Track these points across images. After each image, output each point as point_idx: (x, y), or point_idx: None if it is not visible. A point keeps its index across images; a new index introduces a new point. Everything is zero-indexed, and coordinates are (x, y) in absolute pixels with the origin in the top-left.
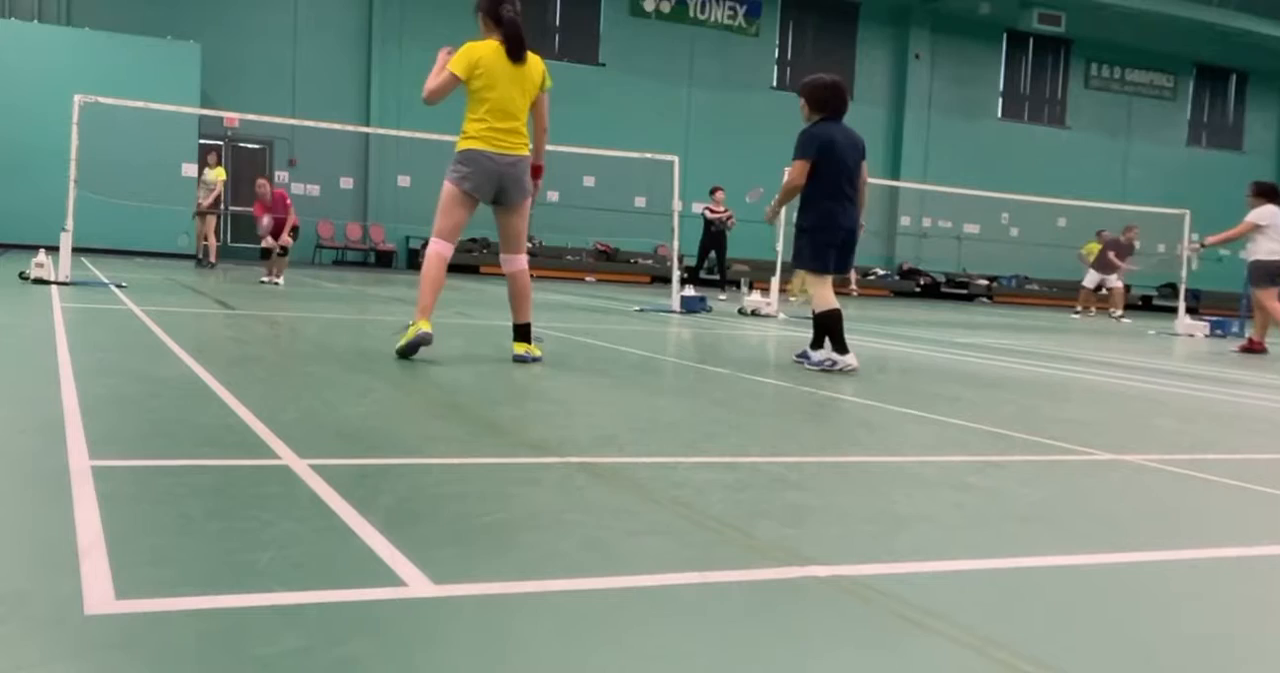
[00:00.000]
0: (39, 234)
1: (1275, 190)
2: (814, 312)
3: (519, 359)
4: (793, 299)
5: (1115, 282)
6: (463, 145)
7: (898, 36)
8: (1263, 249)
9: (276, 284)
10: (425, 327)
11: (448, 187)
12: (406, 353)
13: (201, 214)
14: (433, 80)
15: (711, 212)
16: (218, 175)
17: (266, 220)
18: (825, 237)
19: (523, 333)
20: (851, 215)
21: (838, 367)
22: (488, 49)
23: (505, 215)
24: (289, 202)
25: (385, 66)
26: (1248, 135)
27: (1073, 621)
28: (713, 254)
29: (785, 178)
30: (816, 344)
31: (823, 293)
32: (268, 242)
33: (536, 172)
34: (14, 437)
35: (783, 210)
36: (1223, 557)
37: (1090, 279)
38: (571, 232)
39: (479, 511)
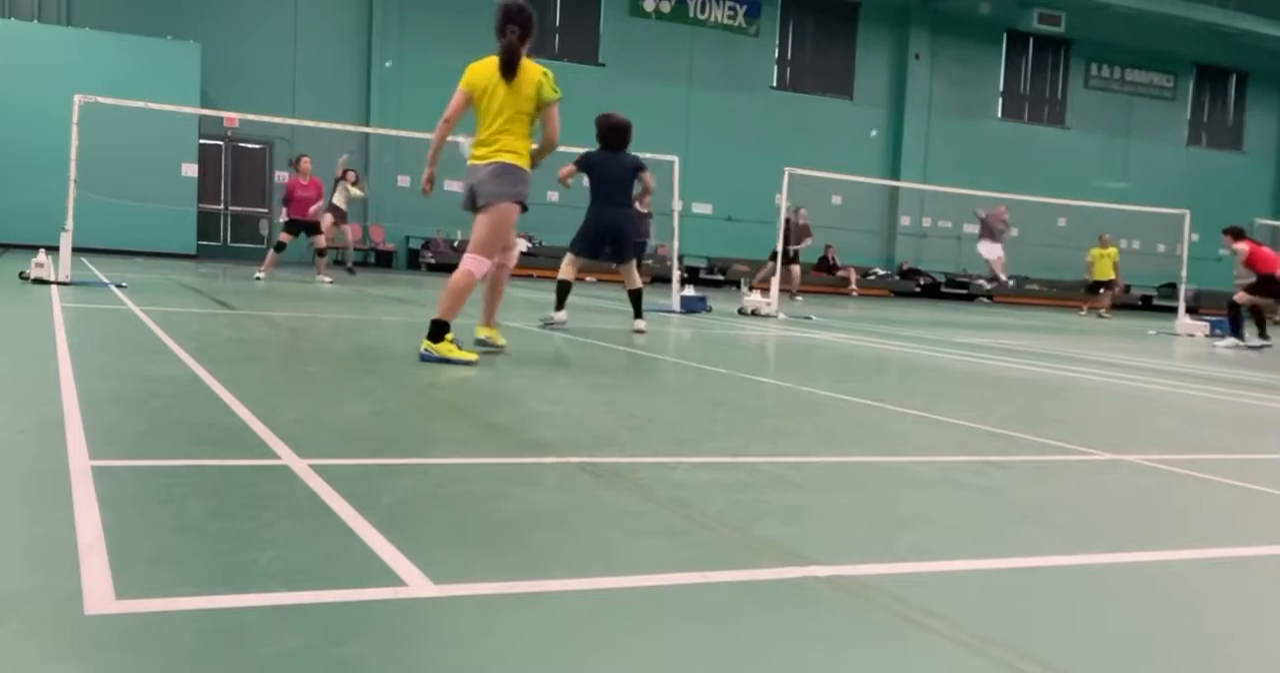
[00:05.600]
0: (39, 234)
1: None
2: (558, 280)
3: (424, 358)
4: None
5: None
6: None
7: (898, 36)
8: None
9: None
10: (475, 348)
11: None
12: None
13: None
14: (448, 108)
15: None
16: (360, 190)
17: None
18: (591, 231)
19: (434, 329)
20: (618, 216)
21: (554, 322)
22: (483, 65)
23: (477, 217)
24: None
25: (385, 66)
26: (1248, 135)
27: (1073, 621)
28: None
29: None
30: (559, 308)
31: (568, 269)
32: (318, 239)
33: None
34: (14, 436)
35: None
36: (1223, 557)
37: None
38: (572, 232)
39: (479, 510)
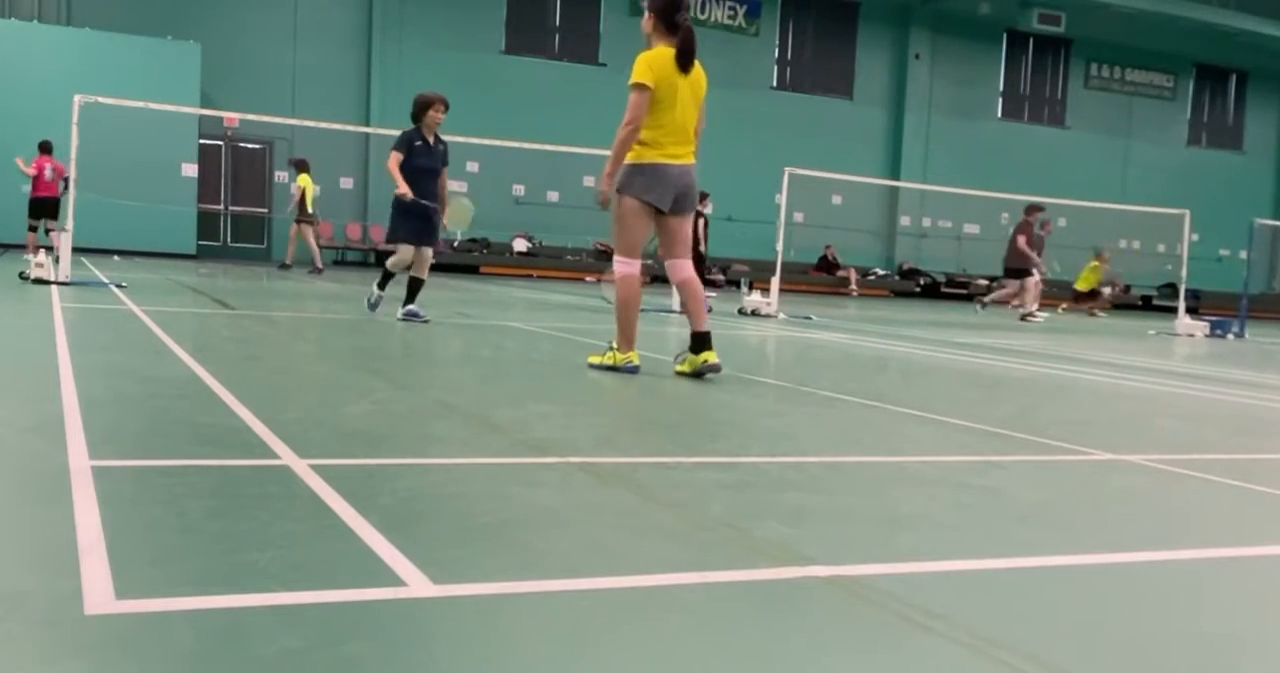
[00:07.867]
0: (38, 234)
1: None
2: (388, 265)
3: (708, 369)
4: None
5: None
6: (645, 158)
7: (898, 36)
8: None
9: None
10: (635, 359)
11: (629, 202)
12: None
13: (298, 221)
14: (630, 111)
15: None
16: (303, 182)
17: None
18: (404, 214)
19: (700, 342)
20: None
21: (376, 298)
22: (664, 58)
23: (676, 222)
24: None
25: (385, 66)
26: (1248, 135)
27: (1073, 621)
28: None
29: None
30: (383, 286)
31: (403, 258)
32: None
33: None
34: (14, 436)
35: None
36: (1223, 557)
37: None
38: (571, 232)
39: (479, 511)
